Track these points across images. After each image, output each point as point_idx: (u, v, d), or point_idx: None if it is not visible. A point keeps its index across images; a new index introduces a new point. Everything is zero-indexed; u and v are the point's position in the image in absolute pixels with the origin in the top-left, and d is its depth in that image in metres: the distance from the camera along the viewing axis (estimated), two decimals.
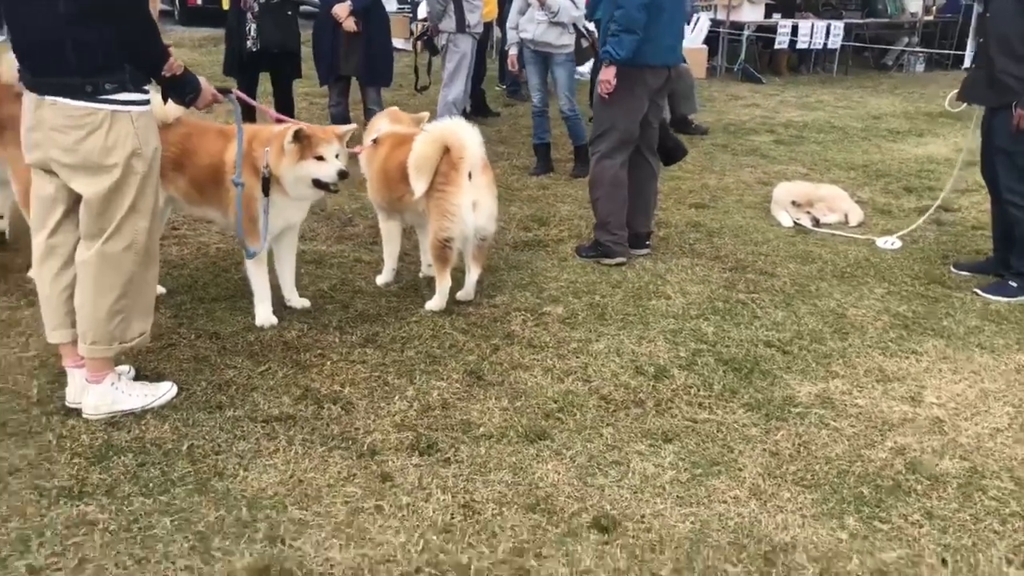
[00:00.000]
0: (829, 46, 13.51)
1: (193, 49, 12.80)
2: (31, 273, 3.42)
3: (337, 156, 3.87)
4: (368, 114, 6.60)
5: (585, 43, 7.06)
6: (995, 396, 3.62)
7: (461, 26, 7.28)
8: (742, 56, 12.95)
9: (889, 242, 5.54)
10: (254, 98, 6.99)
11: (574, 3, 7.05)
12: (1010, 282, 4.70)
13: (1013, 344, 4.12)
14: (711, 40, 13.27)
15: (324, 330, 4.00)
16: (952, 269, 5.10)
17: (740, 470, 3.03)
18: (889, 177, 7.40)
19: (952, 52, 14.39)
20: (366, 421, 3.25)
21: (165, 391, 3.34)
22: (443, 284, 4.23)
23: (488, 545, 2.60)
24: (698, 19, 12.86)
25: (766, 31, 13.26)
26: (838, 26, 13.47)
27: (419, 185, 4.05)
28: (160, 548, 2.53)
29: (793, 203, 5.89)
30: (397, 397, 3.44)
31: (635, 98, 4.79)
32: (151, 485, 2.82)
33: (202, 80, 3.19)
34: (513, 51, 7.10)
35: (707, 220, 5.94)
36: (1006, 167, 4.62)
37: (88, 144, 2.85)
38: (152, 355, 3.68)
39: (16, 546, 2.51)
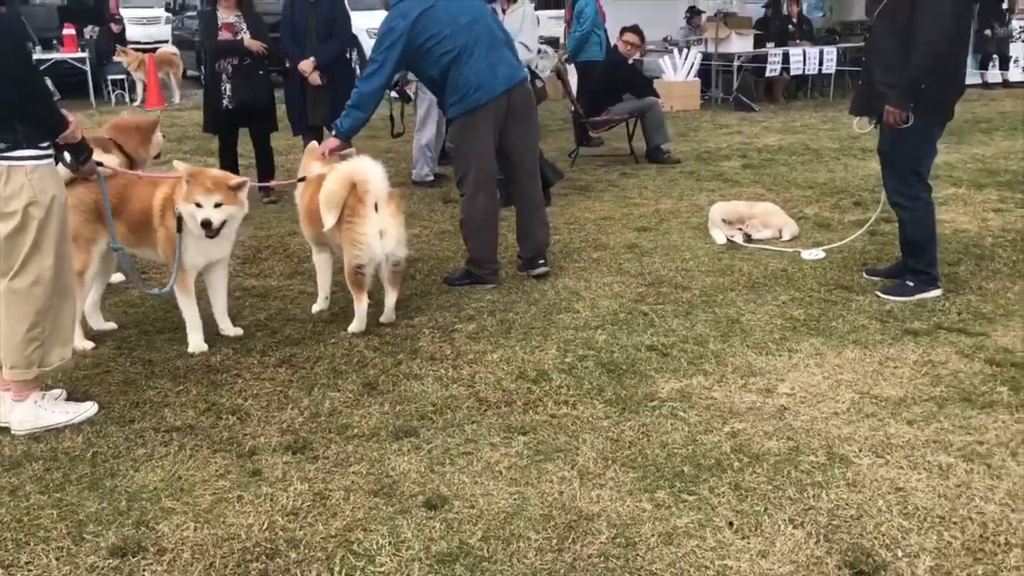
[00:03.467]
0: (824, 71, 13.78)
1: None
2: None
3: (218, 205, 4.16)
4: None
5: (540, 83, 7.53)
6: (847, 385, 3.86)
7: None
8: (735, 86, 13.27)
9: (813, 254, 5.78)
10: (236, 151, 7.61)
11: (526, 46, 7.51)
12: (907, 282, 4.92)
13: (888, 339, 4.35)
14: (705, 72, 13.64)
15: (248, 354, 4.41)
16: (864, 275, 5.33)
17: (577, 455, 3.33)
18: (843, 193, 7.63)
19: None
20: (256, 428, 3.64)
21: (86, 409, 3.77)
22: (360, 307, 4.62)
23: (324, 523, 2.95)
24: (687, 53, 13.23)
25: (760, 60, 13.57)
26: (831, 51, 13.74)
27: (328, 218, 4.47)
28: (41, 534, 2.93)
29: (724, 220, 6.17)
30: (291, 407, 3.82)
31: (479, 138, 5.10)
32: (51, 485, 3.23)
33: None
34: None
35: (645, 242, 6.24)
36: (887, 169, 4.88)
37: None
38: (87, 379, 4.13)
39: None
